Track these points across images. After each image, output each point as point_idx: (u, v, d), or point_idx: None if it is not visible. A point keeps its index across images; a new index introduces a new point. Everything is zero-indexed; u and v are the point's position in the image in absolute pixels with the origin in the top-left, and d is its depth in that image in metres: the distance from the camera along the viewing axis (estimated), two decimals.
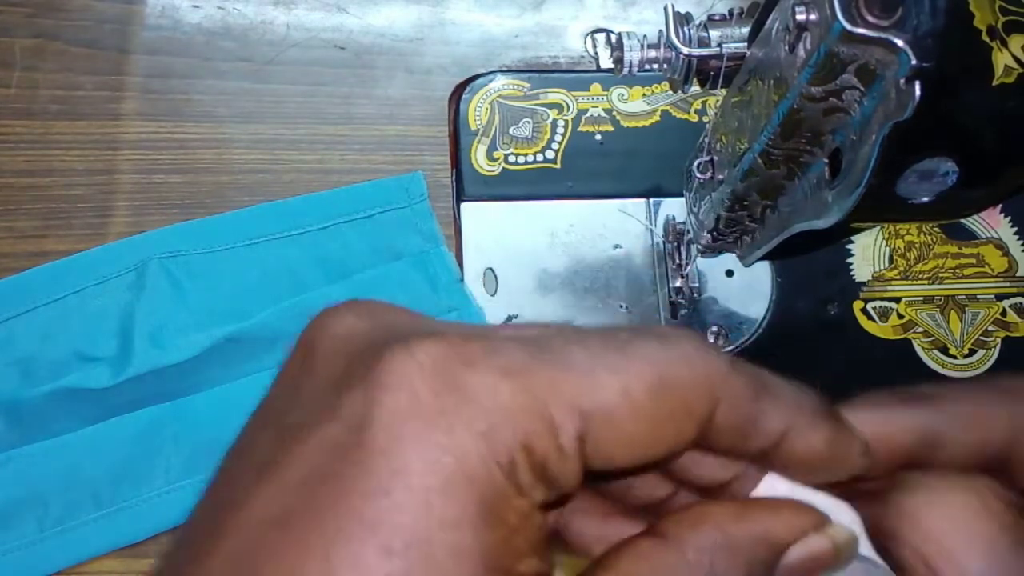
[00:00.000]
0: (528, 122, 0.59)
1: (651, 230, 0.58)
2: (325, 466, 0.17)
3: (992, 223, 0.59)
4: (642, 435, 0.19)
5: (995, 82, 0.29)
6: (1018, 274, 0.58)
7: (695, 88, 0.41)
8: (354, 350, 0.19)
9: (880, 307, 0.57)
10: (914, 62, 0.28)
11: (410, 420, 0.17)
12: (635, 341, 0.19)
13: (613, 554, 0.20)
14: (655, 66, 0.42)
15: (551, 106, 0.60)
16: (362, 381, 0.18)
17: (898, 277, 0.58)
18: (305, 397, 0.19)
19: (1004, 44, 0.28)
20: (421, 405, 0.17)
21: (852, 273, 0.58)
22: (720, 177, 0.43)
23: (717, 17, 0.40)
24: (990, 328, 0.57)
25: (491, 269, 0.56)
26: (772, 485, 0.22)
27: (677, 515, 0.20)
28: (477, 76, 0.60)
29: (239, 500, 0.18)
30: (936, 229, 0.59)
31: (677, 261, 0.56)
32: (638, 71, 0.43)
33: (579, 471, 0.18)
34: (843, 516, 0.22)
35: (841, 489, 0.22)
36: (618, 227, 0.58)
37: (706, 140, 0.45)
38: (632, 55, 0.42)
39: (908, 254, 0.58)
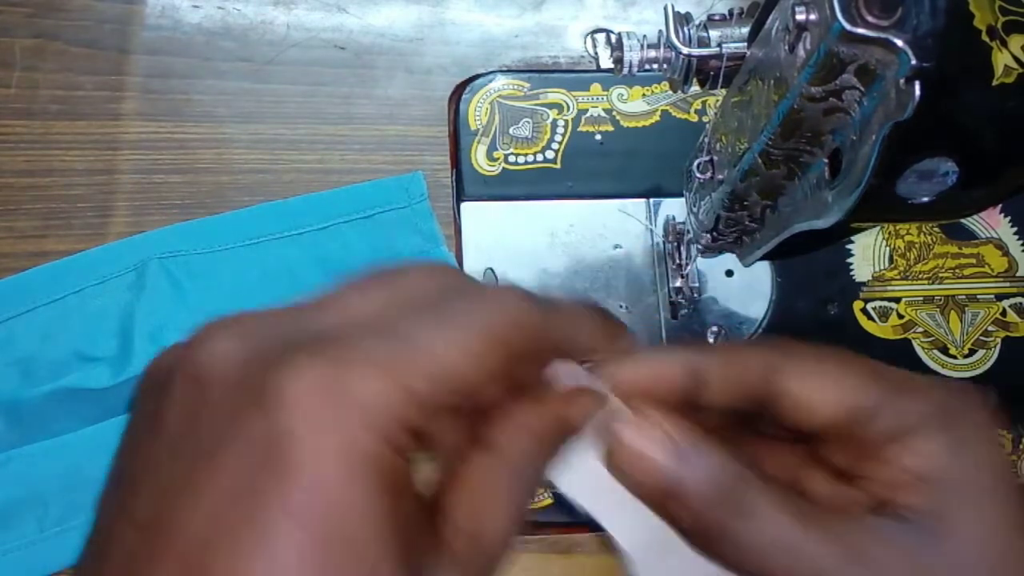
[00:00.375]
0: (528, 122, 0.59)
1: (651, 230, 0.58)
2: (247, 481, 0.21)
3: (992, 223, 0.59)
4: (479, 377, 0.24)
5: (995, 82, 0.29)
6: (1018, 274, 0.58)
7: (695, 88, 0.41)
8: (244, 375, 0.22)
9: (880, 307, 0.57)
10: (914, 62, 0.28)
11: (312, 433, 0.21)
12: (465, 305, 0.24)
13: (460, 476, 0.25)
14: (655, 66, 0.42)
15: (551, 106, 0.60)
16: (260, 406, 0.21)
17: (898, 277, 0.58)
18: (206, 425, 0.22)
19: (1004, 44, 0.28)
20: (318, 419, 0.21)
21: (852, 273, 0.58)
22: (720, 177, 0.43)
23: (717, 17, 0.40)
24: (990, 328, 0.57)
25: (491, 269, 0.56)
26: (565, 372, 0.28)
27: (500, 426, 0.25)
28: (477, 76, 0.60)
29: (168, 521, 0.21)
30: (936, 229, 0.59)
31: (677, 261, 0.56)
32: (638, 71, 0.43)
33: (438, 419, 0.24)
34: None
35: None
36: (618, 227, 0.58)
37: (706, 140, 0.45)
38: (632, 55, 0.42)
39: (908, 254, 0.58)
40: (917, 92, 0.28)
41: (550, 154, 0.59)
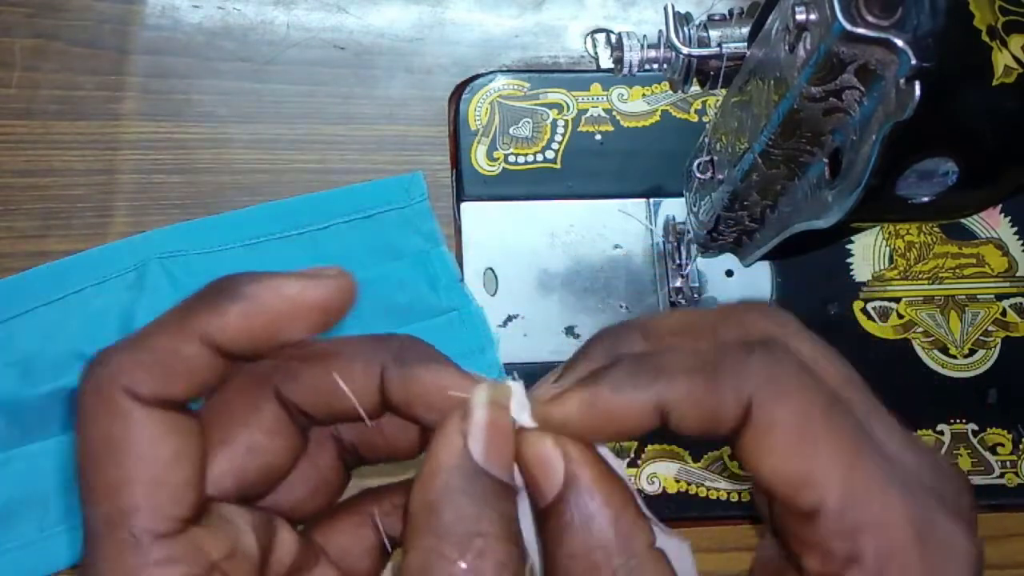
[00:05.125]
0: (528, 122, 0.59)
1: (651, 230, 0.58)
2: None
3: (992, 223, 0.59)
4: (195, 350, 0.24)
5: (995, 82, 0.29)
6: (1018, 274, 0.58)
7: (695, 88, 0.42)
8: None
9: (880, 307, 0.57)
10: (914, 62, 0.28)
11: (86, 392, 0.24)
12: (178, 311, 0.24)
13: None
14: (655, 66, 0.42)
15: (551, 106, 0.60)
16: None
17: (898, 277, 0.58)
18: None
19: (1004, 44, 0.28)
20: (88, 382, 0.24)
21: (852, 273, 0.58)
22: (720, 177, 0.43)
23: (717, 17, 0.40)
24: (990, 328, 0.57)
25: (491, 269, 0.56)
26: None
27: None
28: (477, 76, 0.60)
29: None
30: (936, 229, 0.59)
31: (677, 261, 0.56)
32: (638, 71, 0.43)
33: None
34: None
35: None
36: (618, 227, 0.58)
37: (706, 140, 0.46)
38: (632, 55, 0.42)
39: (908, 254, 0.58)
40: (917, 92, 0.28)
41: (550, 154, 0.59)
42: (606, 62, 0.62)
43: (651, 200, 0.58)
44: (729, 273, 0.57)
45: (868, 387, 0.25)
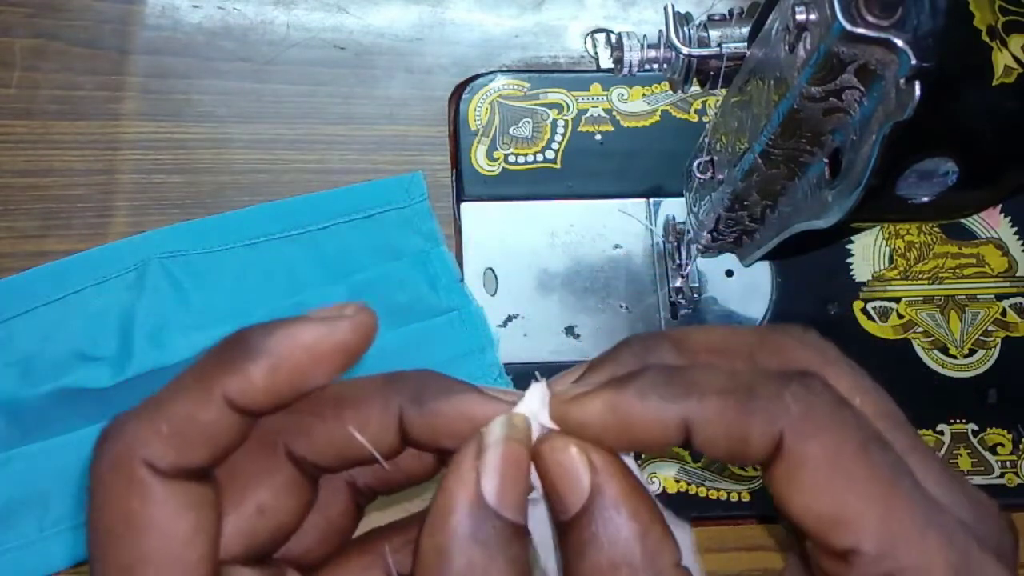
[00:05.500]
0: (528, 122, 0.59)
1: (651, 230, 0.58)
2: None
3: (992, 223, 0.59)
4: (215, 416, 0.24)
5: (995, 82, 0.29)
6: (1018, 274, 0.58)
7: (695, 88, 0.42)
8: None
9: (880, 307, 0.57)
10: (914, 62, 0.28)
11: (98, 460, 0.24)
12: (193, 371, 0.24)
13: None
14: (655, 66, 0.42)
15: (551, 106, 0.60)
16: None
17: (898, 277, 0.58)
18: None
19: (1004, 44, 0.28)
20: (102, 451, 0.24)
21: (852, 273, 0.58)
22: (720, 177, 0.43)
23: (717, 17, 0.40)
24: (990, 328, 0.57)
25: (491, 269, 0.56)
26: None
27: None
28: (477, 76, 0.60)
29: None
30: (936, 229, 0.59)
31: (677, 261, 0.56)
32: (638, 71, 0.43)
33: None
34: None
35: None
36: (618, 227, 0.58)
37: (706, 140, 0.46)
38: (632, 55, 0.42)
39: (908, 254, 0.58)
40: (917, 92, 0.28)
41: (550, 154, 0.59)
42: (606, 62, 0.62)
43: (651, 200, 0.58)
44: (729, 273, 0.57)
45: (908, 422, 0.24)
